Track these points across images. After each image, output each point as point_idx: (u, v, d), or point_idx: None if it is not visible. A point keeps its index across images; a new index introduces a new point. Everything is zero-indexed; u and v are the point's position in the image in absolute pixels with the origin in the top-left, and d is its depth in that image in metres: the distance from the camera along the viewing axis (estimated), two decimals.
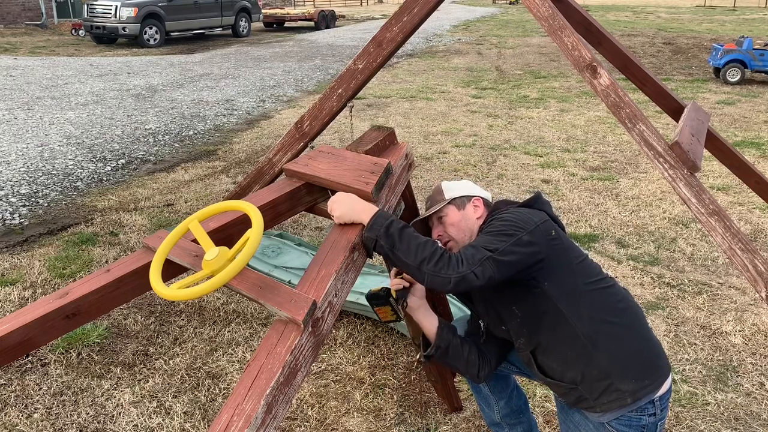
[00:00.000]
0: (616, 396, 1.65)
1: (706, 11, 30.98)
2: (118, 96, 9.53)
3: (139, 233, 4.52)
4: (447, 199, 1.89)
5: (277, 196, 1.73)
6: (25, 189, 5.42)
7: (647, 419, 1.67)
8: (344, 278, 1.52)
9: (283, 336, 1.37)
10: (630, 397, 1.65)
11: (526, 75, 11.90)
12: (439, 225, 1.89)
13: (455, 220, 1.86)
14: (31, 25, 20.41)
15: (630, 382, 1.65)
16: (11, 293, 3.61)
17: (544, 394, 2.78)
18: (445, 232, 1.86)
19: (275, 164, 3.18)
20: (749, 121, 8.07)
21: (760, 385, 2.84)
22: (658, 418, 1.68)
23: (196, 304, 3.55)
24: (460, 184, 1.96)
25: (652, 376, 1.68)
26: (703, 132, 2.78)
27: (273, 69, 12.58)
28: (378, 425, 2.61)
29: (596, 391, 1.67)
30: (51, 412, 2.67)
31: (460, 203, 1.89)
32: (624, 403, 1.65)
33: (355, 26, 23.56)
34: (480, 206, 1.89)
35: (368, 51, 2.89)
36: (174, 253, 1.56)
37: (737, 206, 5.05)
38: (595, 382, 1.67)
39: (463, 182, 1.98)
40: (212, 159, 6.50)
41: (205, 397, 2.78)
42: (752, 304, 3.54)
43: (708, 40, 16.40)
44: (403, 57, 14.51)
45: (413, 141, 7.08)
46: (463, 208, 1.88)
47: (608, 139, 7.18)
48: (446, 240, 1.87)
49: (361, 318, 3.39)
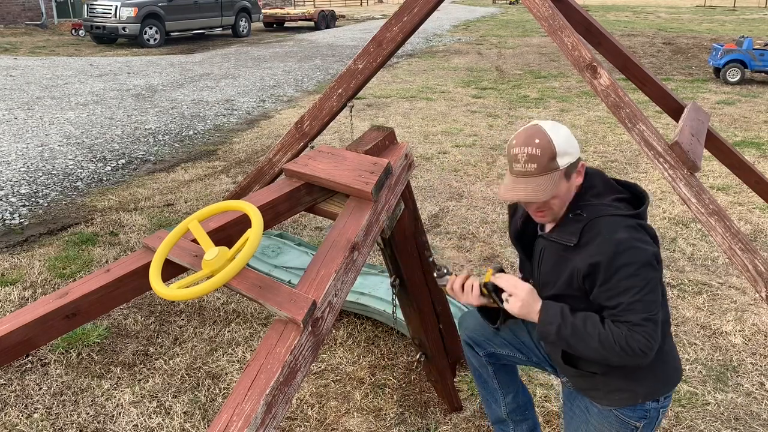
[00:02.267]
0: (629, 395, 1.68)
1: (706, 11, 30.98)
2: (118, 96, 9.53)
3: (139, 233, 4.52)
4: (561, 168, 1.57)
5: (277, 196, 1.73)
6: (25, 189, 5.43)
7: (650, 404, 1.70)
8: (344, 278, 1.52)
9: (282, 336, 1.37)
10: (642, 398, 1.68)
11: (526, 75, 11.90)
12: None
13: (563, 192, 1.60)
14: (31, 25, 20.41)
15: (649, 386, 1.68)
16: (11, 293, 3.61)
17: (544, 395, 2.78)
18: (547, 203, 1.60)
19: (275, 164, 3.18)
20: (749, 121, 8.07)
21: (760, 385, 2.84)
22: (660, 405, 1.71)
23: (196, 304, 3.55)
24: (567, 139, 1.59)
25: (669, 384, 1.72)
26: (703, 132, 2.79)
27: (273, 69, 12.58)
28: (378, 425, 2.61)
29: (613, 386, 1.69)
30: (51, 412, 2.67)
31: (570, 171, 1.60)
32: (634, 402, 1.69)
33: (355, 26, 23.56)
34: (582, 171, 1.65)
35: (368, 51, 2.89)
36: (174, 253, 1.56)
37: (737, 206, 5.05)
38: (616, 379, 1.68)
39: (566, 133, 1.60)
40: (212, 159, 6.50)
41: (205, 397, 2.78)
42: (752, 304, 3.54)
43: (708, 40, 16.40)
44: (403, 57, 14.51)
45: (413, 141, 7.08)
46: (570, 177, 1.61)
47: (608, 139, 7.18)
48: (543, 210, 1.64)
49: (361, 318, 3.39)
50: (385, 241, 2.01)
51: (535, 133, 1.58)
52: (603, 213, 1.57)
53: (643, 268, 1.50)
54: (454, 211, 4.96)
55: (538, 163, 1.55)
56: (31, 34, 18.95)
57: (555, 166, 1.56)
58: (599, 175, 1.69)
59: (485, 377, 2.12)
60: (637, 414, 1.70)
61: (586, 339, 1.54)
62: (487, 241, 4.38)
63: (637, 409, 1.69)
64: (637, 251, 1.50)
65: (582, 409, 1.81)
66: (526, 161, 1.57)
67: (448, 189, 5.49)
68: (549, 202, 1.60)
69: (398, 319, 2.67)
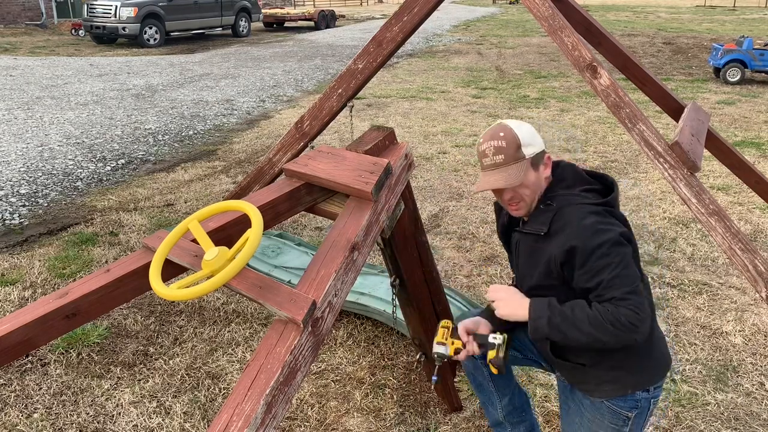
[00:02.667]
0: (618, 386, 1.71)
1: (706, 11, 30.98)
2: (118, 96, 9.53)
3: (138, 233, 4.52)
4: (527, 157, 1.67)
5: (277, 196, 1.73)
6: (24, 189, 5.43)
7: (641, 395, 1.73)
8: (344, 278, 1.52)
9: (282, 336, 1.37)
10: (631, 389, 1.71)
11: (526, 75, 11.90)
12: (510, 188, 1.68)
13: (532, 181, 1.68)
14: (31, 25, 20.41)
15: (637, 376, 1.71)
16: (11, 293, 3.61)
17: (544, 395, 2.78)
18: (518, 193, 1.69)
19: (275, 164, 3.18)
20: (749, 121, 8.07)
21: (760, 385, 2.84)
22: (651, 395, 1.74)
23: (196, 304, 3.55)
24: (531, 133, 1.70)
25: (658, 374, 1.75)
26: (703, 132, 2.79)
27: (273, 69, 12.58)
28: (378, 425, 2.61)
29: (602, 378, 1.72)
30: (51, 412, 2.67)
31: (537, 161, 1.70)
32: (624, 393, 1.72)
33: (355, 26, 23.56)
34: (549, 163, 1.74)
35: (368, 51, 2.89)
36: (174, 253, 1.56)
37: (737, 206, 5.05)
38: (605, 370, 1.71)
39: (529, 128, 1.71)
40: (212, 159, 6.50)
41: (205, 397, 2.78)
42: (752, 304, 3.54)
43: (708, 40, 16.40)
44: (403, 57, 14.51)
45: (413, 141, 7.08)
46: (538, 167, 1.70)
47: (608, 139, 7.18)
48: (517, 202, 1.71)
49: (361, 318, 3.39)
50: (385, 241, 2.01)
51: (500, 128, 1.70)
52: (571, 202, 1.66)
53: (615, 246, 1.56)
54: (454, 211, 4.96)
55: (505, 154, 1.66)
56: (31, 34, 18.95)
57: (521, 155, 1.66)
58: (570, 167, 1.77)
59: (480, 380, 2.12)
60: (628, 404, 1.73)
61: (578, 324, 1.57)
62: (487, 241, 4.38)
63: (628, 399, 1.72)
64: (605, 232, 1.57)
65: (577, 402, 1.84)
66: (494, 154, 1.67)
67: (448, 189, 5.49)
68: (520, 192, 1.69)
69: (398, 319, 2.67)
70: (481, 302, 3.40)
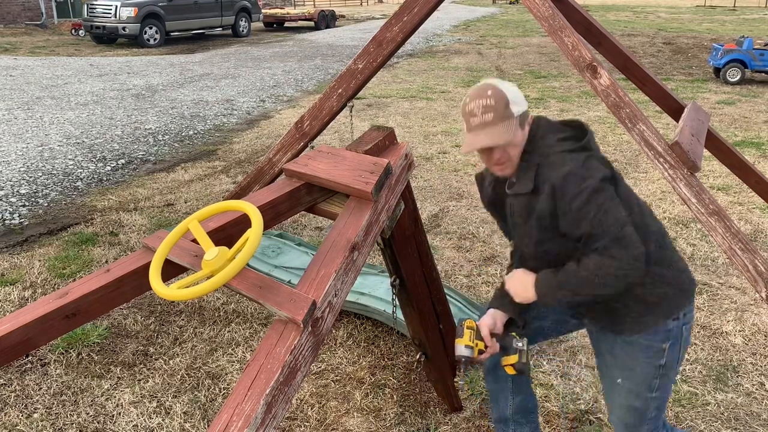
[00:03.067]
0: (648, 318, 1.72)
1: (706, 11, 30.98)
2: (118, 96, 9.53)
3: (139, 233, 4.52)
4: (516, 116, 1.65)
5: (277, 196, 1.73)
6: (25, 189, 5.43)
7: (672, 323, 1.73)
8: (344, 278, 1.52)
9: (282, 336, 1.37)
10: (662, 317, 1.72)
11: (526, 75, 11.90)
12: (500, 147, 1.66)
13: (519, 140, 1.67)
14: (31, 25, 20.41)
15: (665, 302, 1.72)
16: (11, 293, 3.61)
17: (544, 395, 2.78)
18: (506, 152, 1.67)
19: (275, 164, 3.19)
20: (749, 121, 8.07)
21: (760, 385, 2.84)
22: (682, 321, 1.74)
23: (196, 304, 3.55)
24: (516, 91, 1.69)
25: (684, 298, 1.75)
26: (703, 132, 2.79)
27: (273, 69, 12.58)
28: (378, 425, 2.61)
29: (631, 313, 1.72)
30: (51, 412, 2.67)
31: (523, 120, 1.68)
32: (656, 323, 1.72)
33: (355, 26, 23.56)
34: (531, 122, 1.73)
35: (368, 51, 2.89)
36: (174, 253, 1.56)
37: (737, 206, 5.05)
38: (632, 304, 1.72)
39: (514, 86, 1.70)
40: (212, 159, 6.50)
41: (205, 397, 2.78)
42: (752, 304, 3.54)
43: (708, 40, 16.40)
44: (403, 57, 14.51)
45: (413, 141, 7.08)
46: (524, 126, 1.69)
47: (608, 139, 7.18)
48: (504, 161, 1.70)
49: (361, 318, 3.39)
50: (385, 241, 2.01)
51: (486, 86, 1.67)
52: (549, 152, 1.66)
53: (594, 194, 1.56)
54: (454, 211, 4.96)
55: (495, 111, 1.63)
56: (31, 34, 18.95)
57: (510, 113, 1.63)
58: (542, 118, 1.76)
59: (501, 373, 2.10)
60: (660, 336, 1.72)
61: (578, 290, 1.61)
62: (487, 241, 4.38)
63: (660, 330, 1.72)
64: (584, 180, 1.57)
65: (609, 352, 1.84)
66: (483, 112, 1.64)
67: (448, 189, 5.49)
68: (508, 151, 1.67)
69: (398, 319, 2.67)
70: (482, 302, 3.40)
